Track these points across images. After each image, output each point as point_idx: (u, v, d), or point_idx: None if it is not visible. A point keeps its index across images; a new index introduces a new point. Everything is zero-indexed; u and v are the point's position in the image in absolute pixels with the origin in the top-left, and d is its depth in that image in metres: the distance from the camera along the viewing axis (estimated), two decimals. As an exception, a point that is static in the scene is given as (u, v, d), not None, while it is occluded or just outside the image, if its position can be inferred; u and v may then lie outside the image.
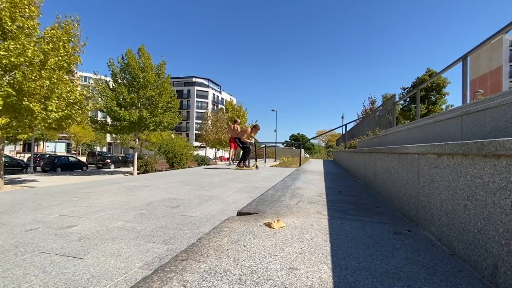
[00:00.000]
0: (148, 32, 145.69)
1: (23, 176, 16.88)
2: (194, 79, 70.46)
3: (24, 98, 8.49)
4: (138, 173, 17.29)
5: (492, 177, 0.86)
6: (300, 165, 10.60)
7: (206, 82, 72.30)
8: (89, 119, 16.74)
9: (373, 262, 1.01)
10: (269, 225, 1.51)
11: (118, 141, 49.64)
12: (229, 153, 10.41)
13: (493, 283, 0.83)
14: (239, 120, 9.79)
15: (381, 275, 0.91)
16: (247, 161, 8.42)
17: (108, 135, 44.22)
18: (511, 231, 0.76)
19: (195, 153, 25.41)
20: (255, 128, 8.51)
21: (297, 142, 57.79)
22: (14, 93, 8.24)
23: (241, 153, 8.61)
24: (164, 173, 6.93)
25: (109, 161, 28.00)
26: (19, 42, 8.21)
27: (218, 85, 78.45)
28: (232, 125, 9.21)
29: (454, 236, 1.09)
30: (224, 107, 43.63)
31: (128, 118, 16.11)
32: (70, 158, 25.47)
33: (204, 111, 60.20)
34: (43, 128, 10.02)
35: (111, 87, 17.15)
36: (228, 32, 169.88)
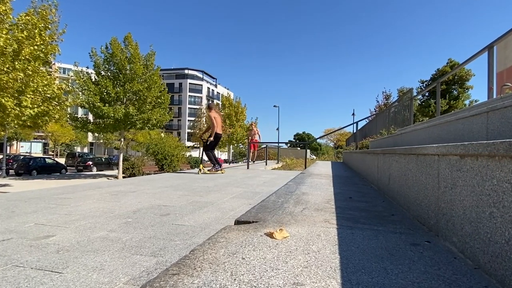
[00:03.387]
0: (135, 19, 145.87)
1: (-6, 180, 16.88)
2: (186, 71, 70.47)
3: (-4, 93, 8.50)
4: (123, 177, 17.29)
5: (522, 181, 0.86)
6: (305, 167, 10.61)
7: (200, 75, 72.35)
8: (68, 116, 16.76)
9: (388, 277, 1.01)
10: (270, 235, 1.51)
11: (101, 141, 49.68)
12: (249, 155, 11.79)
13: (523, 300, 0.83)
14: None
15: (397, 291, 0.91)
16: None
17: (90, 134, 44.24)
18: (543, 242, 0.76)
19: (188, 154, 25.45)
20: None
21: (302, 142, 57.85)
22: (-16, 87, 8.25)
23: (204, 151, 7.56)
24: (153, 177, 6.94)
25: (91, 163, 28.03)
26: (-10, 29, 8.22)
27: (214, 78, 78.51)
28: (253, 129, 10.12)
29: (479, 247, 1.09)
30: (220, 103, 43.60)
31: (112, 115, 16.11)
32: (47, 160, 25.51)
33: (197, 107, 60.28)
34: (16, 126, 10.04)
35: (93, 80, 17.14)
36: (225, 18, 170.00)
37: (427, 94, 25.77)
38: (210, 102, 10.71)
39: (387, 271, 1.06)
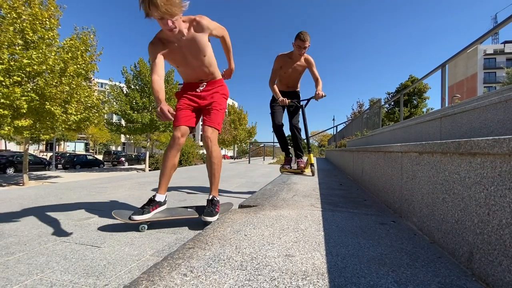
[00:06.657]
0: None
1: (45, 173, 16.86)
2: (199, 85, 70.30)
3: (46, 102, 8.48)
4: (149, 170, 17.27)
5: (468, 173, 0.86)
6: (295, 162, 10.59)
7: (210, 88, 72.17)
8: (105, 121, 16.69)
9: (361, 250, 1.01)
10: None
11: (132, 141, 49.47)
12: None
13: (469, 268, 0.83)
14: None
15: (368, 261, 0.91)
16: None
17: (122, 135, 44.12)
18: (485, 222, 0.76)
19: (201, 151, 25.37)
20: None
21: (293, 141, 57.57)
22: (37, 97, 8.23)
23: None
24: (173, 170, 6.91)
25: (123, 159, 27.96)
26: (41, 51, 8.19)
27: (221, 91, 78.33)
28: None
29: (434, 226, 1.09)
30: (226, 110, 43.57)
31: (140, 120, 16.11)
32: (88, 156, 25.40)
33: (208, 114, 59.87)
34: (63, 129, 9.98)
35: (125, 92, 17.11)
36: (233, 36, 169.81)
37: (392, 103, 25.75)
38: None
39: (361, 245, 1.06)
